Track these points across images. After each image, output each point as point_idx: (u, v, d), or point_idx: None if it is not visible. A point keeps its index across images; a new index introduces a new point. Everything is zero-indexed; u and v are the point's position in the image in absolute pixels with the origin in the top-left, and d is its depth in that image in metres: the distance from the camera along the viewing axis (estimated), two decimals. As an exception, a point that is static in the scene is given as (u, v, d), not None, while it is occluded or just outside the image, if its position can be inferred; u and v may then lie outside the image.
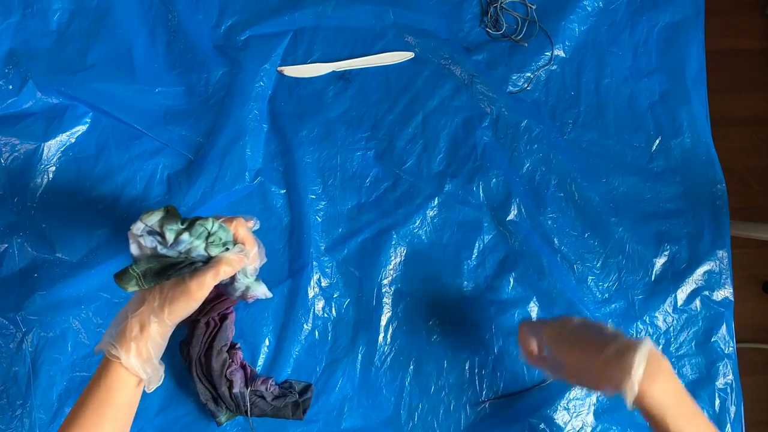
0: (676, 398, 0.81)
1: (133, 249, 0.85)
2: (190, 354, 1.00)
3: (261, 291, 0.92)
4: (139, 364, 0.81)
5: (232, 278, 0.89)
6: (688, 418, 0.81)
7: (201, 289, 0.82)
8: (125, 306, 0.85)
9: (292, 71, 1.15)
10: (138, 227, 0.84)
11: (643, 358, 0.80)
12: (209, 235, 0.84)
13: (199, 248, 0.84)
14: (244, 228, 0.87)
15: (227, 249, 0.85)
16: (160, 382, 0.87)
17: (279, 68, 1.14)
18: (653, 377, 0.80)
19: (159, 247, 0.84)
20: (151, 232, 0.84)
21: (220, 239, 0.84)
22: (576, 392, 1.09)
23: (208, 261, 0.84)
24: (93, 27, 1.12)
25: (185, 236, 0.83)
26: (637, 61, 1.21)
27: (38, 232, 1.06)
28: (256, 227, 0.90)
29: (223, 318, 1.01)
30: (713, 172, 1.18)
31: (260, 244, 0.90)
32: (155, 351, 0.83)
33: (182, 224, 0.83)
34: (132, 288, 0.83)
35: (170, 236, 0.83)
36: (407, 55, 1.17)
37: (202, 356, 1.00)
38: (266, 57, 1.13)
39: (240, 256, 0.85)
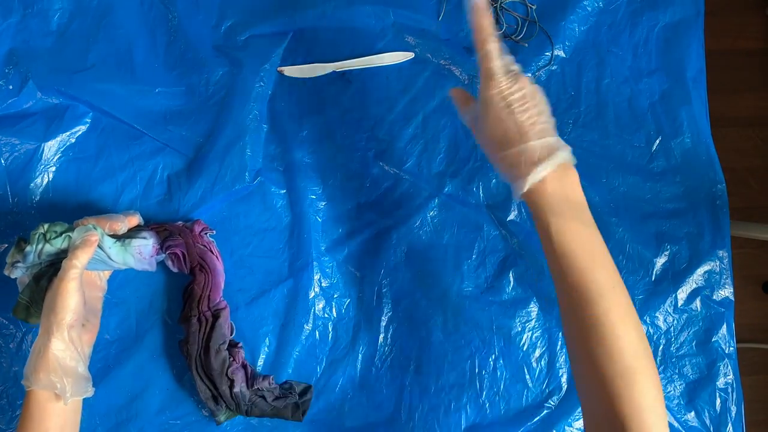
0: (567, 207, 0.84)
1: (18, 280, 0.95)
2: (189, 352, 1.01)
3: (137, 249, 0.97)
4: (47, 379, 0.84)
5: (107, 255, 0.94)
6: (568, 221, 0.83)
7: (66, 278, 0.86)
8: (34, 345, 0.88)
9: (293, 71, 1.15)
10: (6, 271, 0.93)
11: (556, 162, 0.82)
12: (45, 233, 0.91)
13: (46, 249, 0.90)
14: (84, 219, 0.95)
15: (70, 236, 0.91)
16: (88, 393, 0.89)
17: (279, 68, 1.14)
18: (556, 183, 0.83)
19: (25, 270, 0.92)
20: (14, 264, 0.92)
21: (56, 232, 0.91)
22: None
23: None
24: (93, 27, 1.12)
25: (28, 248, 0.91)
26: (637, 61, 1.21)
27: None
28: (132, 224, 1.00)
29: (216, 316, 1.01)
30: (713, 172, 1.18)
31: (119, 215, 0.98)
32: (65, 361, 0.85)
33: (25, 242, 0.92)
34: (33, 318, 0.93)
35: (20, 256, 0.92)
36: (407, 56, 1.17)
37: (201, 354, 1.00)
38: (266, 57, 1.13)
39: (87, 233, 0.90)
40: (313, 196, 1.11)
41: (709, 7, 1.24)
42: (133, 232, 0.99)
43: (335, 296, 1.10)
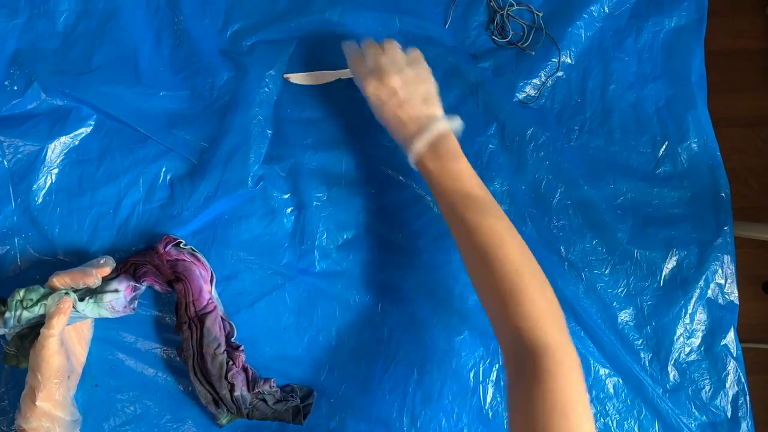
0: (445, 172, 0.97)
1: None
2: (185, 359, 1.01)
3: (109, 304, 0.97)
4: (37, 423, 0.89)
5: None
6: (457, 190, 0.96)
7: (45, 346, 0.89)
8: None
9: (298, 78, 1.14)
10: None
11: (428, 138, 0.97)
12: (21, 301, 0.92)
13: (25, 315, 0.92)
14: (57, 276, 0.94)
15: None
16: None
17: (285, 75, 1.14)
18: (432, 154, 0.97)
19: (8, 330, 0.94)
20: None
21: (32, 300, 0.93)
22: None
23: None
24: (99, 29, 1.11)
25: (7, 314, 0.92)
26: (642, 66, 1.21)
27: (40, 234, 1.05)
28: (104, 270, 0.98)
29: (202, 320, 1.01)
30: (719, 177, 1.18)
31: (89, 270, 0.97)
32: (51, 412, 0.90)
33: (4, 305, 0.93)
34: (23, 364, 0.94)
35: (1, 320, 0.93)
36: None
37: (198, 360, 1.00)
38: (272, 63, 1.13)
39: (60, 300, 0.91)
40: (318, 203, 1.11)
41: (710, 8, 1.24)
42: (104, 284, 0.98)
43: (338, 301, 1.09)
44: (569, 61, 1.20)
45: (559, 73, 1.19)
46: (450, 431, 1.07)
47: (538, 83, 1.19)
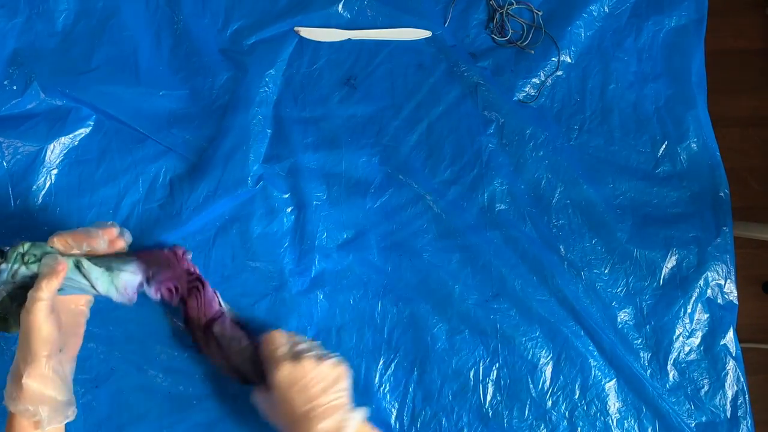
0: None
1: None
2: (219, 368, 1.00)
3: (123, 283, 0.93)
4: (24, 407, 0.83)
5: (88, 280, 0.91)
6: None
7: (35, 307, 0.84)
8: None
9: (308, 33, 1.15)
10: None
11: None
12: (23, 255, 0.88)
13: (22, 271, 0.87)
14: (58, 235, 0.91)
15: None
16: (69, 418, 0.88)
17: (296, 28, 1.15)
18: None
19: None
20: None
21: (35, 255, 0.88)
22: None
23: None
24: (98, 29, 1.11)
25: (3, 265, 0.87)
26: (642, 66, 1.21)
27: (40, 234, 1.05)
28: (111, 231, 0.95)
29: (210, 328, 0.99)
30: (718, 177, 1.18)
31: (95, 230, 0.94)
32: (41, 391, 0.85)
33: (2, 256, 0.88)
34: (13, 329, 0.90)
35: None
36: (424, 33, 1.18)
37: (229, 362, 0.99)
38: (272, 62, 1.13)
39: (56, 262, 0.87)
40: (317, 202, 1.11)
41: (710, 8, 1.24)
42: (121, 263, 0.94)
43: (339, 300, 1.09)
44: (569, 60, 1.20)
45: (559, 73, 1.19)
46: (450, 430, 1.07)
47: (538, 82, 1.19)
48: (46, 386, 0.84)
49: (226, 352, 0.98)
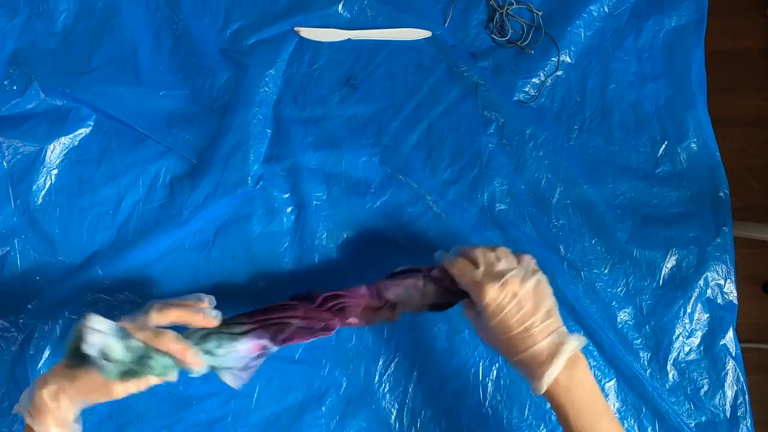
0: (581, 398, 0.86)
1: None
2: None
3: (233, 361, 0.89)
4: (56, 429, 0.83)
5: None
6: (593, 418, 0.86)
7: (124, 393, 0.84)
8: (47, 372, 0.85)
9: (308, 33, 1.15)
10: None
11: (564, 358, 0.85)
12: (146, 357, 0.84)
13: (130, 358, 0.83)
14: (156, 311, 0.87)
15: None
16: None
17: (296, 28, 1.15)
18: (566, 376, 0.85)
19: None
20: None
21: (152, 368, 0.84)
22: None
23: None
24: (98, 29, 1.12)
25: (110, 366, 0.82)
26: (642, 66, 1.21)
27: (40, 234, 1.06)
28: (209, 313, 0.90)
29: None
30: (718, 177, 1.18)
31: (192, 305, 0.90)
32: (68, 421, 0.85)
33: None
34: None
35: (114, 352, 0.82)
36: (424, 33, 1.18)
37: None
38: (272, 62, 1.13)
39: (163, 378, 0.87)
40: (318, 202, 1.11)
41: (710, 8, 1.24)
42: (231, 333, 0.89)
43: (339, 301, 1.10)
44: (569, 60, 1.20)
45: (559, 73, 1.19)
46: (450, 430, 1.07)
47: (538, 82, 1.19)
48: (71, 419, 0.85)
49: (414, 302, 0.97)
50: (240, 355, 0.89)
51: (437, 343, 1.09)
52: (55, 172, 1.07)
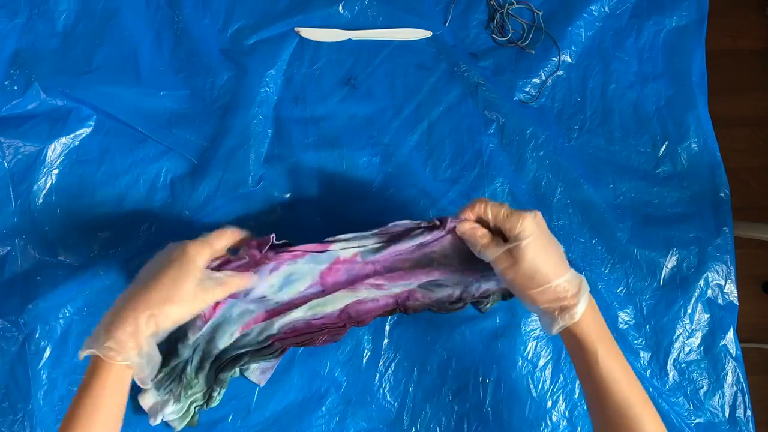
0: (600, 331, 0.87)
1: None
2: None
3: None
4: (137, 359, 0.83)
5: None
6: (608, 347, 0.86)
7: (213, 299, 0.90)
8: (111, 309, 0.86)
9: (309, 33, 1.15)
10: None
11: (586, 298, 0.86)
12: (187, 387, 0.99)
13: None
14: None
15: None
16: (153, 374, 0.88)
17: (296, 29, 1.15)
18: (592, 310, 0.87)
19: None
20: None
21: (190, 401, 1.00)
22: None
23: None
24: (99, 29, 1.12)
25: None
26: (642, 66, 1.21)
27: (41, 235, 1.05)
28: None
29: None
30: (719, 177, 1.18)
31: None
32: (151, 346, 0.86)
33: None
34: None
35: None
36: (424, 33, 1.18)
37: None
38: (272, 62, 1.13)
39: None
40: (318, 202, 1.11)
41: (710, 8, 1.24)
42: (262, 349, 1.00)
43: (339, 301, 1.09)
44: (569, 60, 1.20)
45: (559, 73, 1.19)
46: (450, 430, 1.07)
47: (538, 82, 1.19)
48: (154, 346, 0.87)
49: (448, 266, 0.99)
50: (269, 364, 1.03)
51: (437, 343, 1.09)
52: (55, 172, 1.07)
